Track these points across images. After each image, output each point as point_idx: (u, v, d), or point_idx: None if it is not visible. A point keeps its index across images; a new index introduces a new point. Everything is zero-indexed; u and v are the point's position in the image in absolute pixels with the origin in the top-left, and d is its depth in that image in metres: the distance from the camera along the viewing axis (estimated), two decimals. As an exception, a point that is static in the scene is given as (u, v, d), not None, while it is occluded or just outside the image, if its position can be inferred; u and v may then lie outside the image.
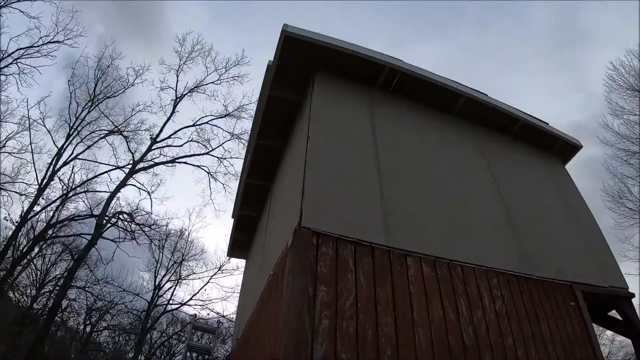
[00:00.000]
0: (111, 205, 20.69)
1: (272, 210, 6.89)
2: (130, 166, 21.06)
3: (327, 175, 4.25)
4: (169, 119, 22.16)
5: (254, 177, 7.87)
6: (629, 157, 15.69)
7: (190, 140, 22.23)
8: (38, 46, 17.42)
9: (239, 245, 10.28)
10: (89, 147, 20.85)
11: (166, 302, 29.45)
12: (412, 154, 5.22)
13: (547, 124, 7.58)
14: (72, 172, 21.19)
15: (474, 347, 3.57)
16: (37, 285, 26.13)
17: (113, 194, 20.40)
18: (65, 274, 21.83)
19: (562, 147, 7.47)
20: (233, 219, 9.87)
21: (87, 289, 23.78)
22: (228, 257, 18.37)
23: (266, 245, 6.46)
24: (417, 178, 4.90)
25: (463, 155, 5.86)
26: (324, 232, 3.74)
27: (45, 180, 18.54)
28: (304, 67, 5.47)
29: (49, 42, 17.76)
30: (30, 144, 18.75)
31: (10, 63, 17.12)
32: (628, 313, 5.61)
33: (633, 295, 6.05)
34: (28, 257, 19.80)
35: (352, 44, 5.46)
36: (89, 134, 20.84)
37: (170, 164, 22.47)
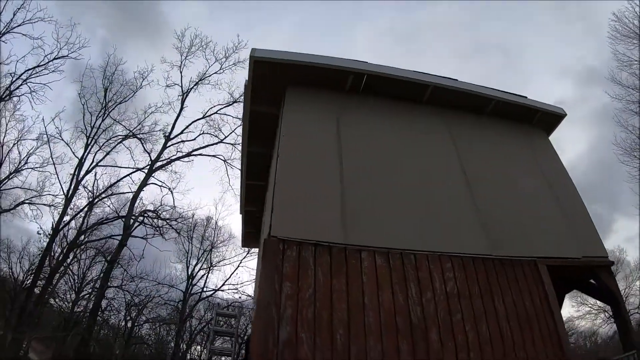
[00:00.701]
0: (136, 205, 22.49)
1: (267, 208, 7.83)
2: (148, 166, 22.68)
3: (293, 188, 5.10)
4: (178, 115, 23.53)
5: (251, 178, 8.81)
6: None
7: (203, 133, 23.60)
8: (44, 64, 19.04)
9: (250, 237, 11.42)
10: (107, 153, 22.59)
11: (200, 290, 31.93)
12: (378, 153, 5.93)
13: (526, 97, 7.96)
14: (95, 179, 23.13)
15: (421, 324, 4.37)
16: (76, 289, 28.89)
17: (136, 195, 22.16)
18: (101, 275, 24.08)
19: (543, 118, 7.85)
20: (241, 215, 10.95)
21: (123, 286, 26.04)
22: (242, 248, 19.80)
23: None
24: (381, 176, 5.62)
25: (432, 143, 6.47)
26: (289, 238, 4.62)
27: (70, 191, 20.42)
28: (276, 83, 6.25)
29: (55, 58, 19.32)
30: (51, 156, 20.60)
31: (21, 85, 18.87)
32: (604, 281, 6.10)
33: (612, 263, 6.56)
34: (64, 264, 21.93)
35: (317, 56, 6.16)
36: (106, 141, 22.54)
37: (186, 159, 24.01)
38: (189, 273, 31.60)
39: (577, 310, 41.77)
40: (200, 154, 23.80)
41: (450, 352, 4.32)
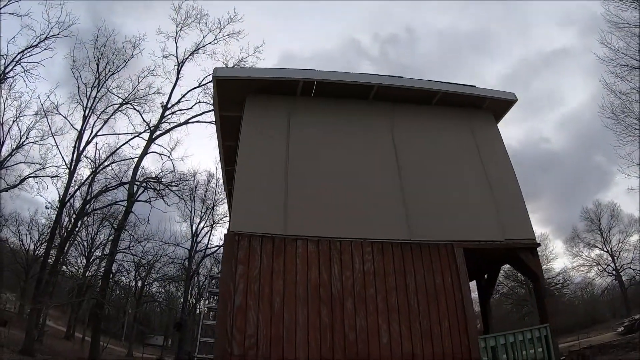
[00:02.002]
0: (138, 173, 24.88)
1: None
2: (148, 136, 24.79)
3: (247, 191, 6.95)
4: (175, 85, 25.44)
5: (229, 165, 10.62)
6: (628, 72, 16.49)
7: (198, 102, 25.48)
8: (36, 45, 20.84)
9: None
10: (106, 121, 24.73)
11: (205, 247, 35.50)
12: (322, 151, 7.60)
13: (474, 86, 9.35)
14: (96, 148, 25.54)
15: (340, 296, 6.31)
16: (86, 254, 32.40)
17: (137, 164, 24.55)
18: (110, 239, 27.09)
19: (493, 105, 9.24)
20: (225, 194, 12.96)
21: (131, 248, 29.26)
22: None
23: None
24: (321, 173, 7.36)
25: (372, 138, 8.05)
26: (242, 232, 6.53)
27: (73, 163, 22.78)
28: (237, 93, 7.89)
29: (46, 38, 21.07)
30: (50, 129, 22.90)
31: (14, 66, 20.82)
32: (525, 261, 7.76)
33: (537, 244, 8.21)
34: (74, 233, 24.80)
35: (269, 69, 7.79)
36: (103, 110, 24.59)
37: (183, 125, 26.05)
38: (194, 231, 35.07)
39: (571, 262, 44.38)
40: (197, 121, 25.79)
41: (361, 317, 6.28)
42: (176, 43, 25.68)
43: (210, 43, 25.21)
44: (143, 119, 24.71)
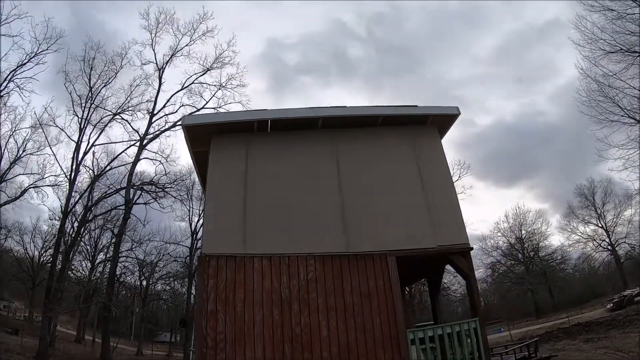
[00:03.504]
0: (133, 179, 27.77)
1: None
2: (138, 144, 27.60)
3: (214, 218, 9.47)
4: (158, 91, 28.28)
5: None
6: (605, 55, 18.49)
7: (183, 105, 28.27)
8: (26, 62, 23.63)
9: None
10: (102, 130, 27.61)
11: None
12: (275, 179, 10.02)
13: (416, 106, 11.57)
14: (93, 157, 28.51)
15: (288, 299, 8.84)
16: (90, 258, 35.79)
17: (131, 171, 27.39)
18: (113, 242, 30.23)
19: (436, 120, 11.44)
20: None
21: (133, 249, 32.50)
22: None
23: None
24: (274, 199, 9.80)
25: (318, 163, 10.42)
26: (211, 253, 9.07)
27: (72, 173, 25.68)
28: (204, 134, 10.34)
29: (35, 55, 23.83)
30: (47, 140, 25.86)
31: (8, 83, 23.67)
32: (457, 264, 10.11)
33: (470, 248, 10.46)
34: (78, 239, 27.95)
35: (228, 113, 10.34)
36: (99, 120, 27.41)
37: (171, 129, 28.81)
38: (193, 229, 38.19)
39: (567, 239, 47.12)
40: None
41: (305, 315, 8.81)
42: (153, 50, 28.62)
43: (186, 45, 27.94)
44: (132, 127, 27.64)
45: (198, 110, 28.30)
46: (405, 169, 10.86)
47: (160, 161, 28.26)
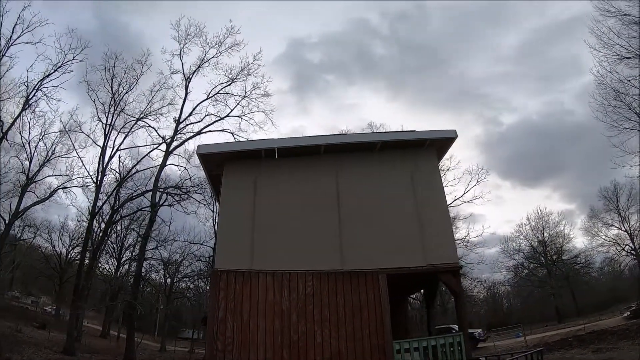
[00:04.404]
0: (159, 182, 30.15)
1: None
2: (164, 151, 29.97)
3: (226, 237, 11.36)
4: (185, 99, 30.58)
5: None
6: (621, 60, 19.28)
7: (208, 114, 30.40)
8: (53, 72, 26.30)
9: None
10: (126, 135, 30.08)
11: None
12: (281, 202, 11.82)
13: (414, 131, 13.19)
14: (119, 161, 31.13)
15: (287, 310, 10.64)
16: (116, 256, 38.75)
17: (158, 176, 29.71)
18: (138, 242, 32.86)
19: (434, 143, 12.93)
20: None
21: (159, 249, 35.18)
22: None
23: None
24: (279, 219, 11.60)
25: (321, 185, 12.15)
26: (222, 269, 10.96)
27: (98, 177, 28.22)
28: (218, 161, 12.23)
29: (61, 65, 26.44)
30: (73, 146, 28.54)
31: (36, 92, 26.39)
32: (446, 282, 11.71)
33: (459, 267, 12.09)
34: (105, 239, 30.66)
35: (240, 143, 12.06)
36: (123, 126, 29.89)
37: (197, 136, 31.06)
38: (216, 231, 40.80)
39: (590, 242, 47.47)
40: (209, 130, 30.70)
41: (302, 325, 10.60)
42: (181, 60, 31.03)
43: (213, 57, 30.11)
44: (158, 134, 30.06)
45: (222, 118, 30.49)
46: (401, 191, 12.44)
47: (185, 167, 30.66)
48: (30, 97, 26.92)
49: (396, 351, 10.69)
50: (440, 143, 13.16)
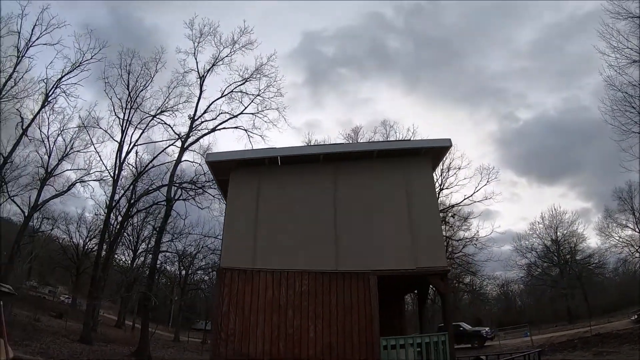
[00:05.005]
0: (175, 176, 31.91)
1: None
2: (180, 147, 31.71)
3: (231, 237, 12.84)
4: (199, 97, 32.18)
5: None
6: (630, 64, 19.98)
7: (221, 113, 31.95)
8: (71, 70, 28.24)
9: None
10: (143, 131, 31.86)
11: None
12: (282, 206, 13.25)
13: (409, 140, 14.52)
14: (136, 155, 32.97)
15: (284, 306, 12.08)
16: (132, 247, 40.86)
17: (173, 171, 31.47)
18: (154, 234, 34.79)
19: (430, 151, 14.21)
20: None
21: (173, 241, 37.15)
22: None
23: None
24: (280, 223, 13.02)
25: (319, 191, 13.52)
26: (227, 267, 12.45)
27: (116, 172, 30.10)
28: (226, 167, 13.68)
29: (79, 64, 28.33)
30: (91, 141, 30.49)
31: (55, 89, 28.33)
32: (434, 284, 13.07)
33: (446, 271, 13.36)
34: (122, 232, 32.64)
35: (245, 151, 13.45)
36: (140, 122, 31.68)
37: (211, 133, 32.69)
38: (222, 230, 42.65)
39: (604, 242, 47.84)
40: (224, 128, 32.26)
41: (297, 320, 12.02)
42: (195, 59, 32.58)
43: (227, 56, 31.59)
44: (174, 131, 31.73)
45: (236, 116, 32.05)
46: (395, 197, 13.73)
47: (199, 163, 32.36)
48: (49, 94, 28.90)
49: (383, 347, 12.02)
50: (436, 151, 14.41)
